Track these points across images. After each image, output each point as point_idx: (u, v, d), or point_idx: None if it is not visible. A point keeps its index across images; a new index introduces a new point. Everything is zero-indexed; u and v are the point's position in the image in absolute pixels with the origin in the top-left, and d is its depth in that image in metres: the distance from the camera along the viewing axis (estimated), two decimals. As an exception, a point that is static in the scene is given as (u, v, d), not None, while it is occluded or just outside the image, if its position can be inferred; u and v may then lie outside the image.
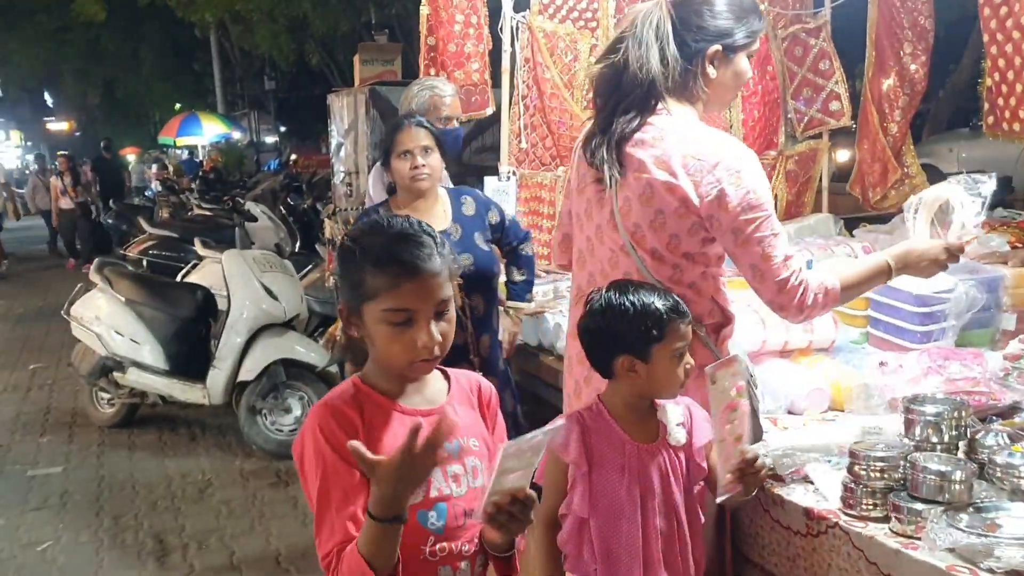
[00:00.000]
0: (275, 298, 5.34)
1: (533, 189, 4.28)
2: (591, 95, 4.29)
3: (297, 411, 5.26)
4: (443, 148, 3.05)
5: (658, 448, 1.93)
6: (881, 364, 2.66)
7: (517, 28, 4.12)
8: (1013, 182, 7.92)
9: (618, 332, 1.88)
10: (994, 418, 2.28)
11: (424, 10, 4.00)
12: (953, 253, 2.25)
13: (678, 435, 1.93)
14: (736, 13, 2.12)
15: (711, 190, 2.00)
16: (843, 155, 8.42)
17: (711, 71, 2.12)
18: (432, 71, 4.03)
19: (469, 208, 3.15)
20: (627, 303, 1.87)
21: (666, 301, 1.88)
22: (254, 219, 9.18)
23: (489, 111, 4.20)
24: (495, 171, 4.21)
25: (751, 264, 2.04)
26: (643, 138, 2.09)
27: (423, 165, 2.96)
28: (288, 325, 5.44)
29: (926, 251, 2.23)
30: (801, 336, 2.84)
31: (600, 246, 2.23)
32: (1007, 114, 4.30)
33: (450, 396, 1.63)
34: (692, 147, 2.04)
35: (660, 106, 2.11)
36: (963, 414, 2.01)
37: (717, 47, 2.10)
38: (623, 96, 2.13)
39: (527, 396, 3.52)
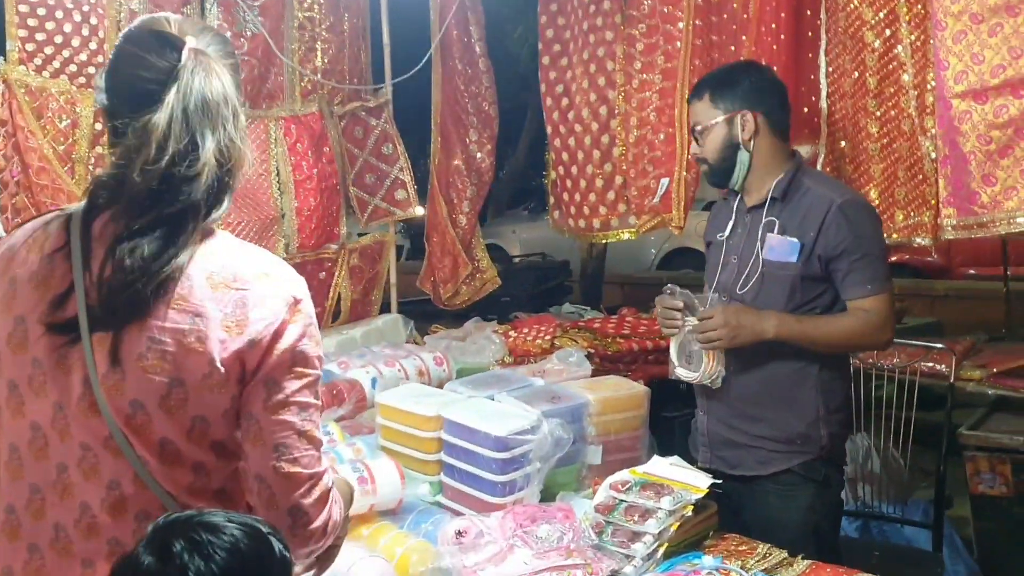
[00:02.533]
0: None
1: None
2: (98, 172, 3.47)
3: None
4: None
5: None
6: (458, 535, 2.14)
7: (-14, 80, 3.11)
8: (571, 265, 8.33)
9: None
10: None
11: None
12: None
13: None
14: None
15: (257, 331, 1.34)
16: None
17: None
18: None
19: None
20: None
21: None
22: None
23: (-61, 189, 3.10)
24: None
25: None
26: None
27: None
28: None
29: None
30: (360, 499, 2.22)
31: (59, 442, 1.39)
32: (572, 209, 4.22)
33: None
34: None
35: None
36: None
37: None
38: None
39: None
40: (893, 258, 5.14)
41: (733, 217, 2.58)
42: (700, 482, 2.15)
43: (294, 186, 3.87)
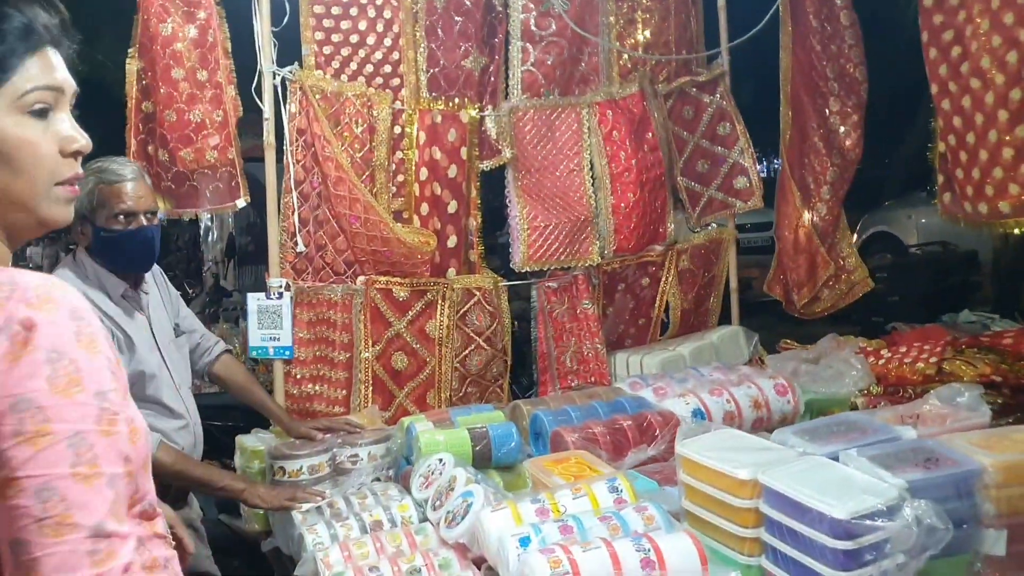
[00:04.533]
0: None
1: (319, 309, 3.16)
2: (401, 179, 3.31)
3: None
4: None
5: None
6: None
7: (284, 88, 3.05)
8: (980, 256, 7.04)
9: None
10: None
11: (133, 65, 2.91)
12: None
13: None
14: None
15: None
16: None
17: None
18: (151, 149, 2.93)
19: None
20: None
21: None
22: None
23: (240, 203, 3.09)
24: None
25: None
26: None
27: None
28: None
29: None
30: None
31: None
32: (968, 190, 3.31)
33: None
34: None
35: None
36: None
37: None
38: None
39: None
40: None
41: None
42: None
43: (610, 180, 3.48)
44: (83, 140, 1.12)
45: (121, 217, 2.31)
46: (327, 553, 2.10)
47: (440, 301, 3.24)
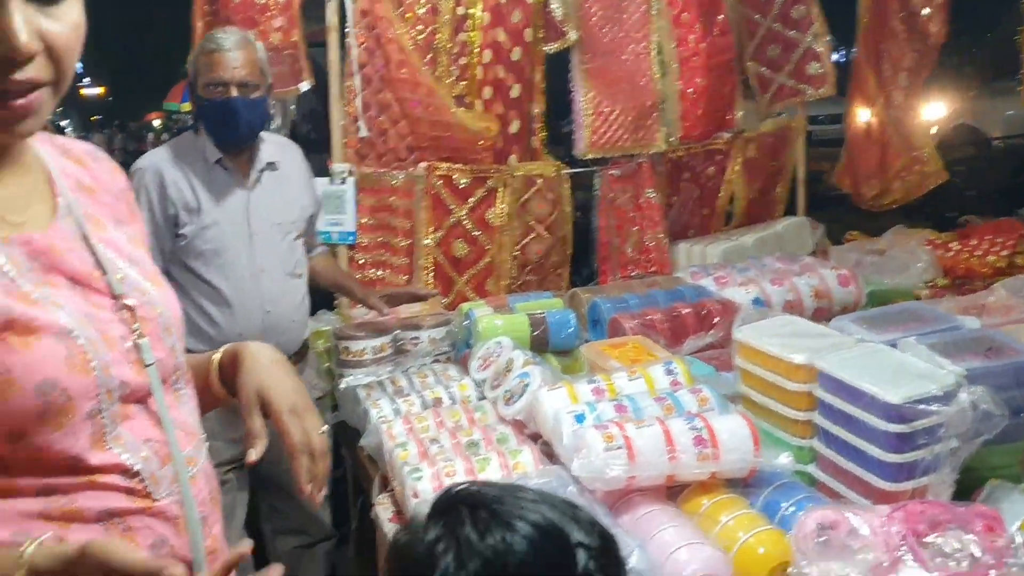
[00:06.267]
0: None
1: (381, 195, 3.23)
2: (464, 62, 3.31)
3: None
4: None
5: None
6: (821, 530, 1.62)
7: (346, -33, 3.06)
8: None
9: None
10: None
11: (195, -57, 2.94)
12: None
13: None
14: None
15: None
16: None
17: None
18: (214, 32, 2.97)
19: None
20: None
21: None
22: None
23: (304, 86, 3.14)
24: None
25: None
26: None
27: None
28: None
29: None
30: (695, 464, 1.79)
31: None
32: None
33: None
34: None
35: None
36: None
37: None
38: None
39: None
40: None
41: None
42: None
43: (678, 65, 3.44)
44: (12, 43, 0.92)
45: (210, 86, 2.37)
46: (391, 425, 2.21)
47: (501, 188, 3.28)
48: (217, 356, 1.40)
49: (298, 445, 1.30)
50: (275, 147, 2.66)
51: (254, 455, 1.28)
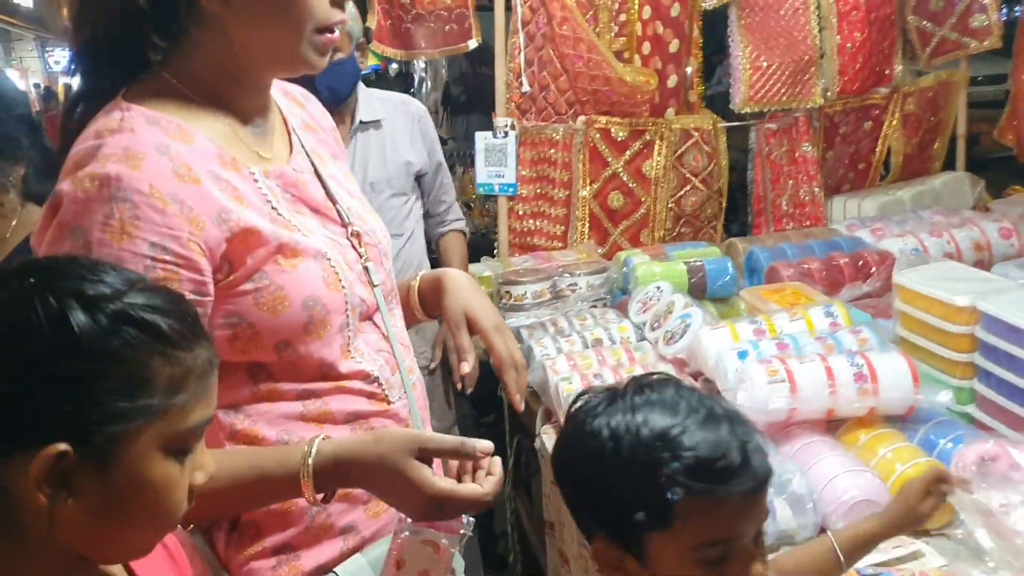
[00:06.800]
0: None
1: (541, 148, 3.38)
2: (623, 18, 3.40)
3: None
4: None
5: None
6: (982, 462, 1.70)
7: (513, -73, 3.20)
8: None
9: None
10: None
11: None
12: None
13: None
14: None
15: None
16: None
17: None
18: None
19: None
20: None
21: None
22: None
23: (472, 44, 3.31)
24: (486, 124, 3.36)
25: None
26: None
27: None
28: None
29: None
30: (855, 399, 1.89)
31: None
32: None
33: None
34: None
35: None
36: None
37: None
38: None
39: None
40: None
41: None
42: None
43: (837, 19, 3.41)
44: None
45: None
46: (554, 362, 2.33)
47: (658, 141, 3.38)
48: (415, 282, 1.59)
49: (506, 359, 1.47)
50: (381, 105, 2.80)
51: (467, 367, 1.46)
